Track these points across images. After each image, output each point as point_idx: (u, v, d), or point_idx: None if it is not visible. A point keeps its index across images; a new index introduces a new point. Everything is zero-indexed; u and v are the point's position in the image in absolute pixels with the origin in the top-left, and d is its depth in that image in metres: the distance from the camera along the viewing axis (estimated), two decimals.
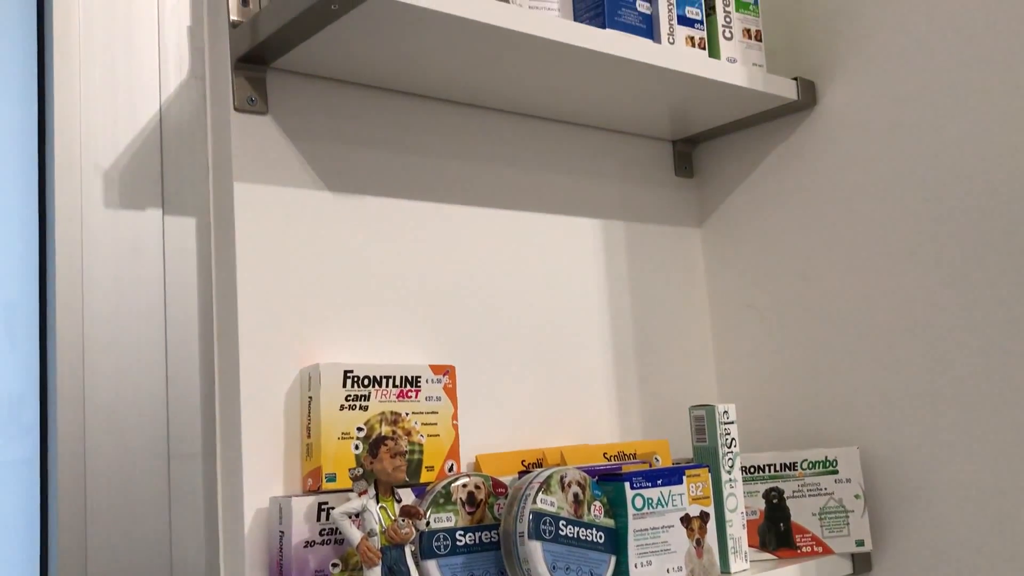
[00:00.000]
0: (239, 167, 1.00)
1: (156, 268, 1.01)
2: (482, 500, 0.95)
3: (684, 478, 1.01)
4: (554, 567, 0.89)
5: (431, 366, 1.03)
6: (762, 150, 1.36)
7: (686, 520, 1.00)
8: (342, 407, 0.96)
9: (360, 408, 0.97)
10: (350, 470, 0.87)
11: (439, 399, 1.03)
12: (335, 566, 0.92)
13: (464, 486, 0.95)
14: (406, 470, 0.87)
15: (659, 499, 0.98)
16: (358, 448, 0.96)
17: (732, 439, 1.08)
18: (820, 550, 1.15)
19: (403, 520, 0.85)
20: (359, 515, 0.85)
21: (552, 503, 0.92)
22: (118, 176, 1.00)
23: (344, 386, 0.96)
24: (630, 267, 1.34)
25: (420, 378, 1.02)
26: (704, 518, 1.02)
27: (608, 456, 1.15)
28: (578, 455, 1.12)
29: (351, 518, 0.85)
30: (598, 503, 0.96)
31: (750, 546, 1.14)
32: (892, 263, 1.21)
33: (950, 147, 1.16)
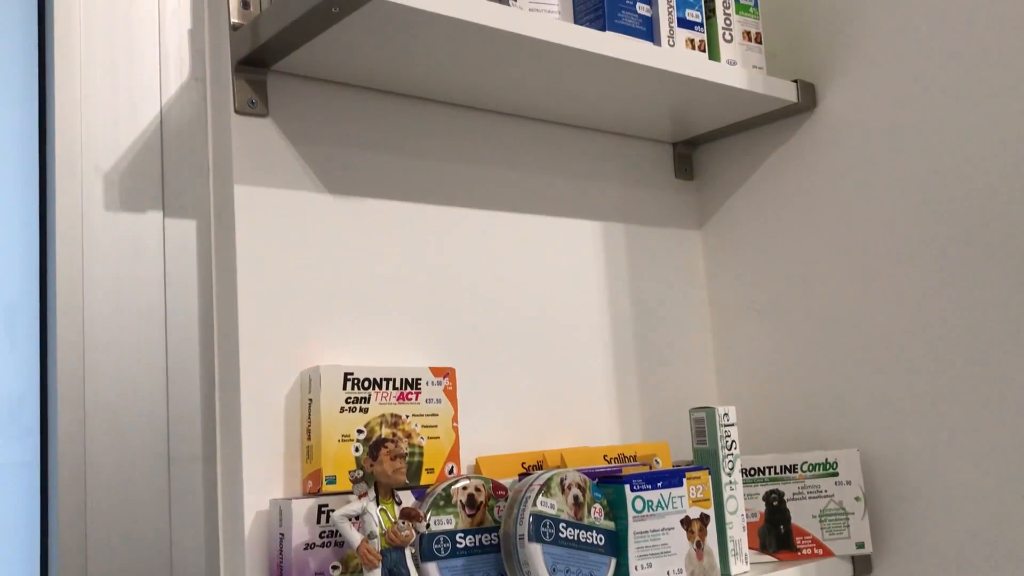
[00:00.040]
0: (239, 169, 1.00)
1: (156, 270, 1.01)
2: (482, 502, 0.95)
3: (684, 480, 1.01)
4: (554, 569, 0.89)
5: (431, 368, 1.03)
6: (762, 152, 1.36)
7: (686, 522, 1.00)
8: (342, 409, 0.96)
9: (360, 410, 0.97)
10: (350, 472, 0.87)
11: (439, 401, 1.03)
12: (335, 568, 0.92)
13: (464, 488, 0.95)
14: (406, 472, 0.87)
15: (659, 501, 0.98)
16: (358, 450, 0.96)
17: (732, 441, 1.08)
18: (820, 552, 1.15)
19: (403, 522, 0.85)
20: (359, 517, 0.85)
21: (552, 505, 0.92)
22: (118, 178, 1.00)
23: (344, 388, 0.96)
24: (630, 269, 1.34)
25: (420, 380, 1.02)
26: (704, 520, 1.02)
27: (608, 458, 1.15)
28: (578, 457, 1.12)
29: (351, 520, 0.85)
30: (598, 505, 0.96)
31: (750, 548, 1.14)
32: (892, 265, 1.21)
33: (950, 149, 1.16)
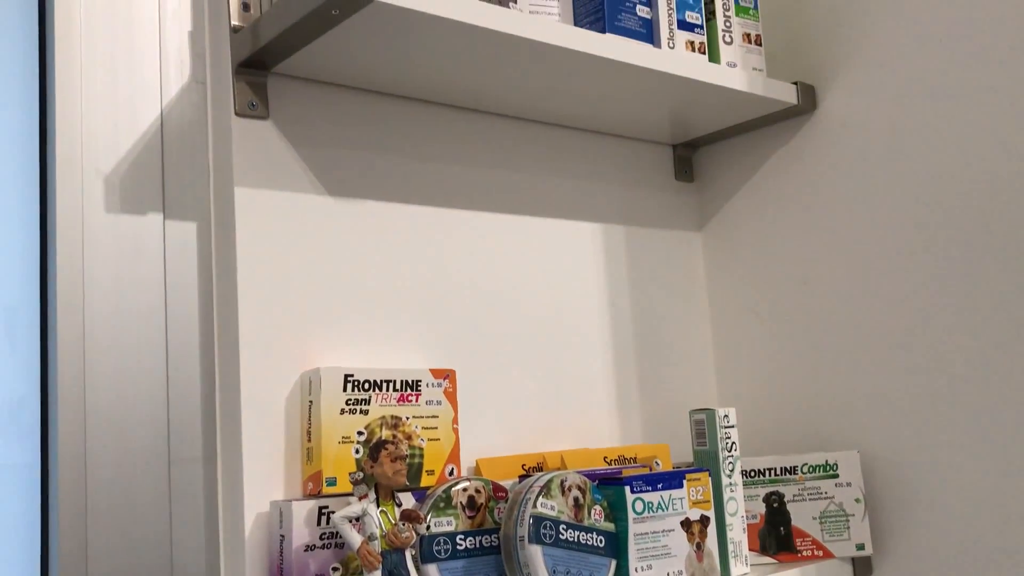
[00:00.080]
0: (240, 172, 1.00)
1: (157, 272, 1.01)
2: (482, 504, 0.96)
3: (684, 482, 1.01)
4: (554, 571, 0.89)
5: (431, 370, 1.03)
6: (762, 154, 1.36)
7: (686, 524, 1.00)
8: (343, 411, 0.96)
9: (360, 412, 0.97)
10: (350, 474, 0.87)
11: (439, 403, 1.03)
12: (335, 570, 0.92)
13: (464, 490, 0.95)
14: (406, 474, 0.87)
15: (659, 503, 0.98)
16: (358, 452, 0.96)
17: (732, 443, 1.08)
18: (820, 554, 1.15)
19: (403, 524, 0.85)
20: (359, 519, 0.85)
21: (552, 507, 0.92)
22: (119, 180, 1.01)
23: (345, 390, 0.96)
24: (630, 271, 1.34)
25: (420, 382, 1.02)
26: (704, 522, 1.02)
27: (608, 460, 1.15)
28: (578, 459, 1.12)
29: (351, 522, 0.85)
30: (598, 507, 0.96)
31: (750, 550, 1.14)
32: (892, 266, 1.21)
33: (950, 151, 1.16)
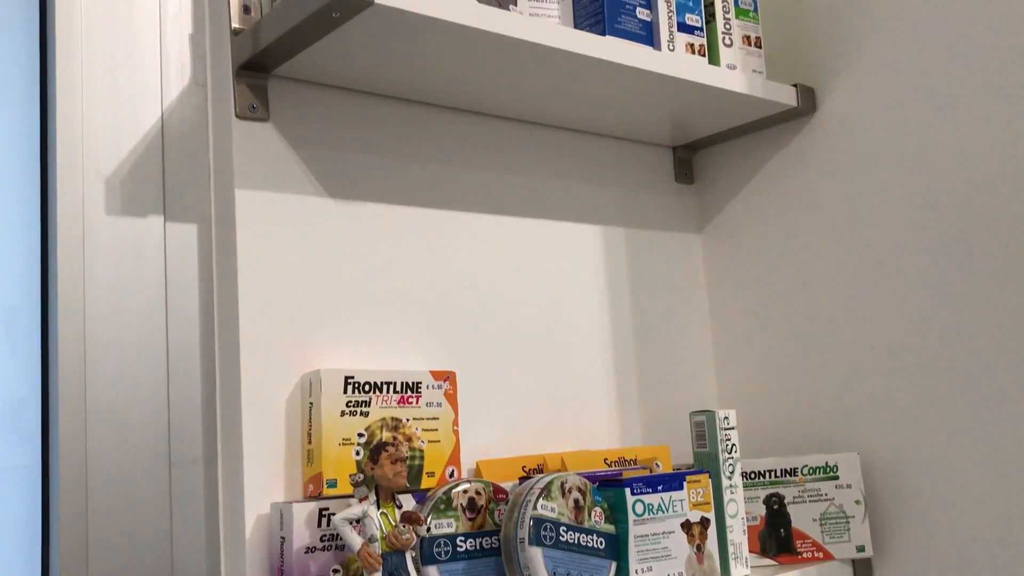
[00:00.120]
0: (240, 174, 1.00)
1: (157, 274, 1.01)
2: (483, 506, 0.96)
3: (685, 484, 1.01)
4: (555, 573, 0.89)
5: (432, 372, 1.03)
6: (762, 156, 1.36)
7: (687, 526, 1.00)
8: (343, 413, 0.96)
9: (361, 414, 0.97)
10: (351, 476, 0.87)
11: (440, 405, 1.03)
12: (336, 572, 0.92)
13: (465, 492, 0.95)
14: (407, 476, 0.87)
15: (660, 505, 0.99)
16: (359, 454, 0.96)
17: (732, 445, 1.08)
18: (821, 556, 1.15)
19: (404, 526, 0.85)
20: (360, 521, 0.85)
21: (553, 509, 0.92)
22: (120, 182, 1.01)
23: (345, 392, 0.97)
24: (630, 273, 1.34)
25: (421, 384, 1.02)
26: (705, 524, 1.02)
27: (609, 462, 1.15)
28: (579, 461, 1.12)
29: (352, 524, 0.85)
30: (599, 509, 0.96)
31: (751, 552, 1.14)
32: (892, 268, 1.21)
33: (949, 153, 1.16)
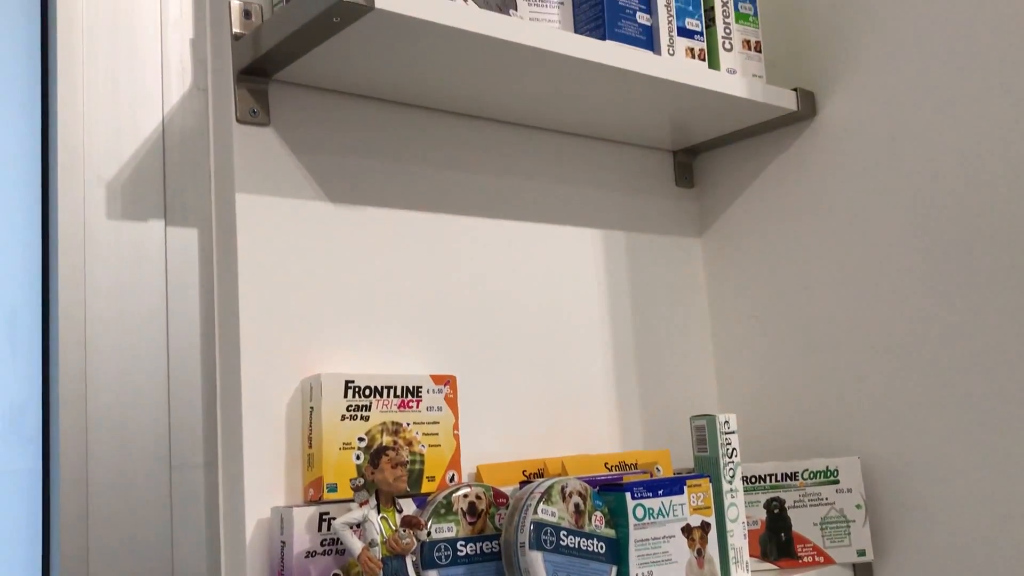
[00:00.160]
0: (241, 178, 1.00)
1: (158, 278, 1.01)
2: (483, 510, 0.96)
3: (685, 488, 1.01)
4: None
5: (432, 376, 1.03)
6: (762, 160, 1.37)
7: (687, 530, 1.00)
8: (343, 417, 0.96)
9: (361, 418, 0.97)
10: (351, 480, 0.87)
11: (440, 409, 1.03)
12: None
13: (465, 496, 0.95)
14: (407, 480, 0.87)
15: (660, 509, 0.98)
16: (359, 458, 0.96)
17: (733, 449, 1.08)
18: (821, 560, 1.15)
19: (404, 530, 0.85)
20: (360, 525, 0.85)
21: (553, 513, 0.92)
22: (120, 187, 1.01)
23: (345, 396, 0.97)
24: (631, 277, 1.34)
25: (421, 388, 1.02)
26: (705, 528, 1.02)
27: (609, 466, 1.15)
28: (579, 465, 1.12)
29: (352, 528, 0.85)
30: (599, 513, 0.96)
31: (751, 556, 1.14)
32: (892, 272, 1.21)
33: (949, 157, 1.16)
